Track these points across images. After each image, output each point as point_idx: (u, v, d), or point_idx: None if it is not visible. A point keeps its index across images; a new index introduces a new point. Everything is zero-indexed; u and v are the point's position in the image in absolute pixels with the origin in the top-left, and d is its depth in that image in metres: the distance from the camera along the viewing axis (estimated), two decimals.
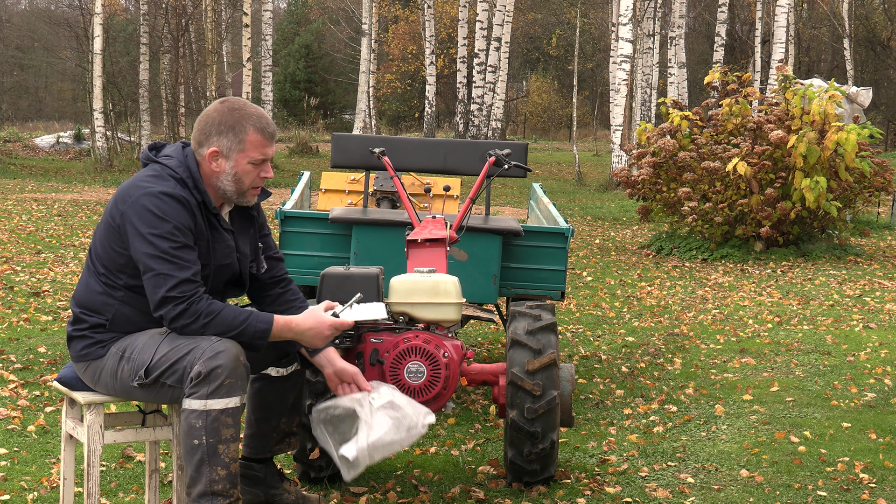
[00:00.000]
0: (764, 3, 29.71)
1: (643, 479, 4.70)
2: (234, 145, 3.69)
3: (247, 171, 3.71)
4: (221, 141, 3.69)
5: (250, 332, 3.61)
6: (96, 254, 3.70)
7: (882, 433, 5.43)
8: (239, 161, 3.70)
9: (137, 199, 3.58)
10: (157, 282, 3.53)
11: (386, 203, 7.35)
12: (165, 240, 3.54)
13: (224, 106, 3.72)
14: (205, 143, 3.70)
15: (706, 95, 19.37)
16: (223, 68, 31.66)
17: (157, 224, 3.54)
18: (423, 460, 4.92)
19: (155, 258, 3.53)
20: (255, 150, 3.71)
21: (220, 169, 3.70)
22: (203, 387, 3.49)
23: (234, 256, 3.78)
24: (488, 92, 29.20)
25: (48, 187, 20.20)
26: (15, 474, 4.53)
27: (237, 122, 3.69)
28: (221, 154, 3.69)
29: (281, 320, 3.69)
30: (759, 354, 7.39)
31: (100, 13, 24.34)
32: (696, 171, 12.73)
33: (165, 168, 3.67)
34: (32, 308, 8.16)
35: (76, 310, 3.72)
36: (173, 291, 3.52)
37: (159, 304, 3.54)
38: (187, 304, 3.53)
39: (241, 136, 3.68)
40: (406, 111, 48.36)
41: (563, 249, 5.65)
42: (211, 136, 3.69)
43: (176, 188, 3.61)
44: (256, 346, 3.67)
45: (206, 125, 3.70)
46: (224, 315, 3.58)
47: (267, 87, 26.84)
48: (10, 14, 45.07)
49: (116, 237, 3.63)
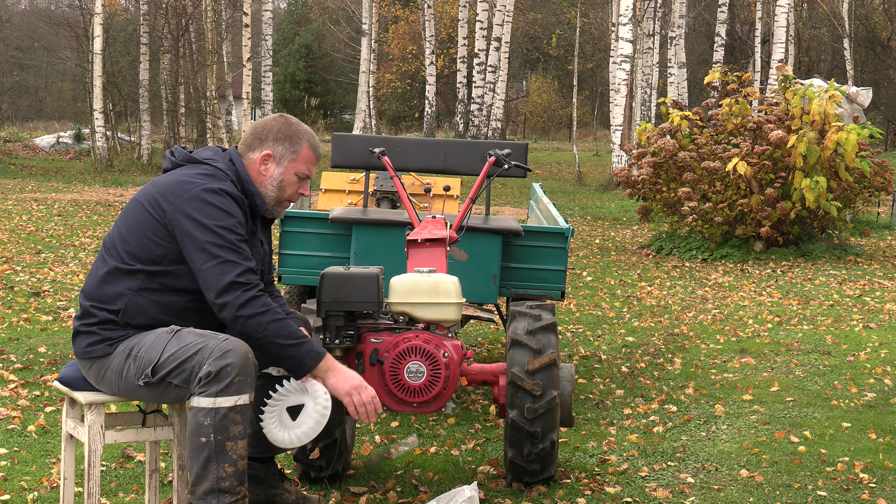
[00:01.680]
0: (764, 3, 29.72)
1: (643, 479, 4.70)
2: (287, 153, 3.85)
3: (291, 182, 3.86)
4: (277, 147, 3.84)
5: (305, 349, 3.66)
6: (118, 243, 3.70)
7: (882, 433, 5.43)
8: (288, 169, 3.85)
9: (196, 193, 3.64)
10: (223, 269, 3.57)
11: (386, 203, 7.35)
12: (231, 232, 3.63)
13: (282, 118, 3.91)
14: (258, 148, 3.85)
15: (706, 95, 19.39)
16: (223, 68, 31.65)
17: (222, 217, 3.63)
18: (423, 460, 4.92)
19: (220, 247, 3.59)
20: (304, 165, 3.87)
21: (269, 173, 3.84)
22: (213, 385, 3.50)
23: (260, 263, 3.88)
24: (488, 92, 29.21)
25: (48, 187, 20.21)
26: (15, 474, 4.53)
27: (295, 133, 3.87)
28: (273, 158, 3.84)
29: (331, 360, 3.72)
30: (759, 354, 7.39)
31: (100, 13, 24.35)
32: (696, 171, 12.73)
33: (216, 169, 3.77)
34: (32, 308, 8.16)
35: (86, 303, 3.72)
36: (241, 278, 3.58)
37: (225, 290, 3.57)
38: (258, 292, 3.59)
39: (296, 147, 3.86)
40: (406, 111, 48.38)
41: (563, 249, 5.65)
42: (266, 140, 3.85)
43: (232, 188, 3.73)
44: (305, 366, 3.66)
45: (263, 131, 3.86)
46: (289, 322, 3.65)
47: (267, 87, 26.84)
48: (10, 14, 45.06)
49: (159, 229, 3.66)
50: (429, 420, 5.60)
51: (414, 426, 5.49)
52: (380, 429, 5.44)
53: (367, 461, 4.69)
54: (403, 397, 4.21)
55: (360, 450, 4.99)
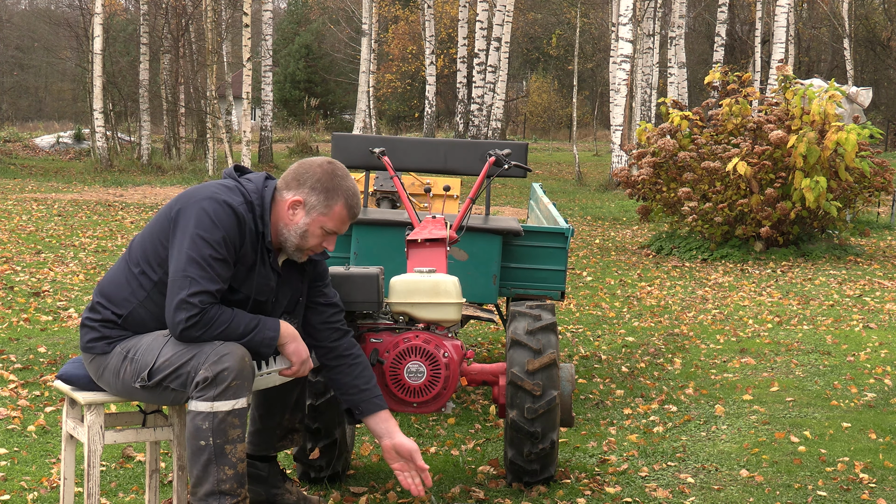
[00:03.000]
0: (764, 3, 29.72)
1: (643, 479, 4.70)
2: (320, 206, 3.71)
3: (315, 235, 3.73)
4: (311, 196, 3.70)
5: (258, 339, 3.63)
6: (140, 246, 3.70)
7: (882, 433, 5.43)
8: (315, 222, 3.71)
9: (199, 199, 3.61)
10: (181, 283, 3.52)
11: (386, 203, 7.35)
12: (210, 246, 3.54)
13: (329, 167, 3.74)
14: (294, 189, 3.72)
15: (706, 95, 19.40)
16: (223, 68, 31.63)
17: (208, 227, 3.55)
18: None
19: (191, 260, 3.53)
20: (334, 222, 3.73)
21: (295, 220, 3.71)
22: (210, 390, 3.49)
23: (270, 298, 3.77)
24: (488, 92, 29.21)
25: (48, 187, 20.21)
26: (15, 474, 4.53)
27: (335, 188, 3.71)
28: (304, 206, 3.71)
29: (287, 330, 3.71)
30: (759, 354, 7.39)
31: (100, 13, 24.36)
32: (696, 171, 12.73)
33: (241, 187, 3.69)
34: (32, 308, 8.16)
35: (96, 298, 3.73)
36: (193, 298, 3.50)
37: (176, 307, 3.52)
38: (199, 316, 3.52)
39: (331, 202, 3.71)
40: (406, 111, 48.38)
41: (563, 249, 5.65)
42: (304, 185, 3.71)
43: (241, 206, 3.63)
44: (263, 354, 3.69)
45: (305, 174, 3.72)
46: (235, 324, 3.59)
47: (267, 87, 26.85)
48: (10, 14, 45.10)
49: (167, 231, 3.64)
50: (429, 420, 5.60)
51: (414, 426, 5.48)
52: None
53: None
54: (403, 397, 4.21)
55: (360, 450, 4.99)
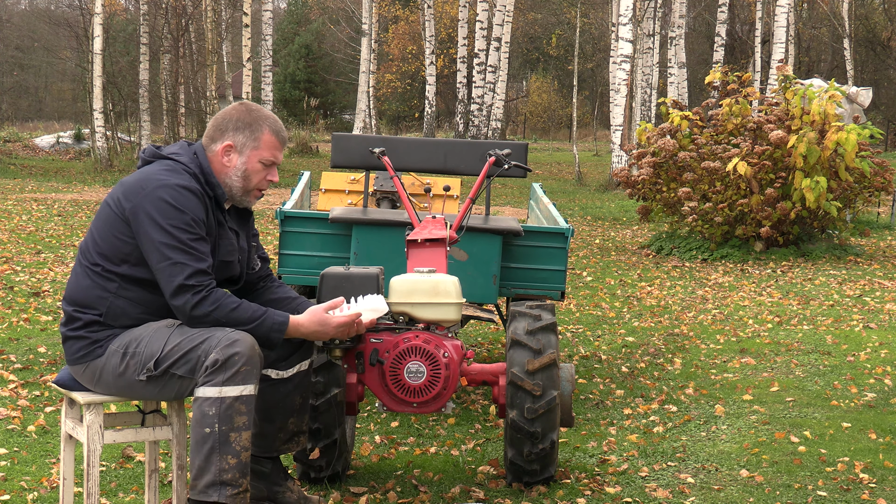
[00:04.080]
0: (764, 3, 29.72)
1: (643, 479, 4.70)
2: (248, 142, 3.80)
3: (256, 170, 3.82)
4: (237, 136, 3.80)
5: (268, 324, 3.67)
6: (91, 246, 3.71)
7: (882, 433, 5.43)
8: (251, 158, 3.80)
9: (153, 190, 3.63)
10: (172, 271, 3.57)
11: (386, 203, 7.34)
12: (183, 231, 3.60)
13: (242, 106, 3.86)
14: (219, 139, 3.81)
15: (706, 95, 19.40)
16: (223, 68, 31.66)
17: (174, 215, 3.60)
18: (423, 460, 4.92)
19: (172, 248, 3.58)
20: (268, 151, 3.82)
21: (231, 164, 3.80)
22: (219, 374, 3.52)
23: (235, 255, 3.86)
24: (488, 92, 29.21)
25: (48, 187, 20.21)
26: (15, 474, 4.53)
27: (255, 121, 3.82)
28: (235, 149, 3.80)
29: (293, 319, 3.75)
30: (759, 354, 7.39)
31: (100, 13, 24.34)
32: (696, 171, 12.73)
33: (177, 163, 3.74)
34: (32, 308, 8.16)
35: (68, 308, 3.73)
36: (190, 280, 3.57)
37: (176, 293, 3.58)
38: (207, 292, 3.59)
39: (256, 134, 3.81)
40: (406, 111, 48.37)
41: (563, 249, 5.65)
42: (227, 131, 3.80)
43: (191, 182, 3.69)
44: (273, 339, 3.72)
45: (223, 121, 3.82)
46: (244, 306, 3.66)
47: (267, 87, 26.83)
48: (10, 14, 45.06)
49: (121, 226, 3.65)
50: (429, 420, 5.60)
51: (414, 426, 5.49)
52: (380, 429, 5.44)
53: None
54: (403, 397, 4.21)
55: (360, 450, 4.99)
